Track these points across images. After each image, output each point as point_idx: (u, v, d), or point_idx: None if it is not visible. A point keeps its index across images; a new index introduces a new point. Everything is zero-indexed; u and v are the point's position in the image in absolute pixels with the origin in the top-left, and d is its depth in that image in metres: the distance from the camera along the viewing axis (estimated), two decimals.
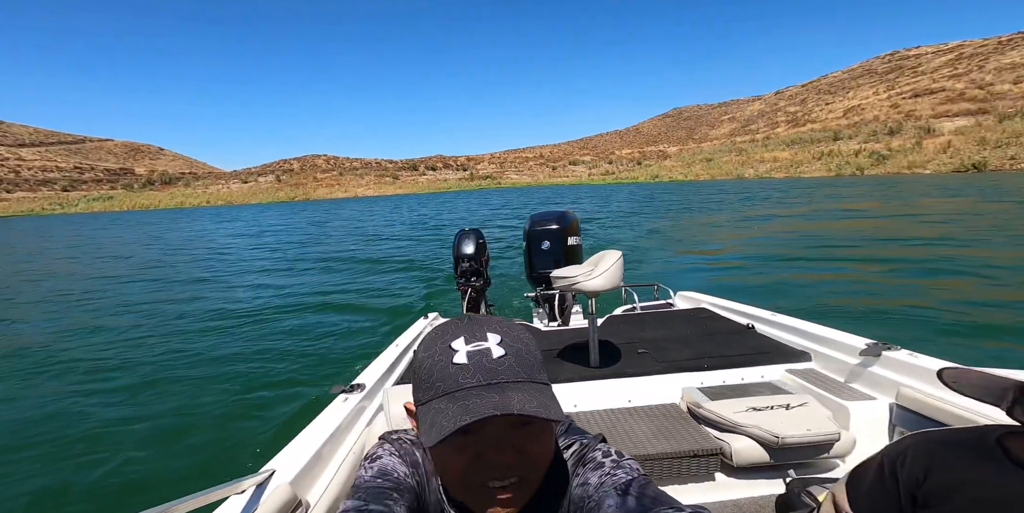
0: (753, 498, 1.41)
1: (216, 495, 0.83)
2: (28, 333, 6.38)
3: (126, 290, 9.37)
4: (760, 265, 8.58)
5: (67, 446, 3.08)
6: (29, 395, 4.06)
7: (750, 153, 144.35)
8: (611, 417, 1.66)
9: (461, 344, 0.45)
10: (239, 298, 7.87)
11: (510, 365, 0.45)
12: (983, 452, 0.64)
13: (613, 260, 1.79)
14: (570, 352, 2.09)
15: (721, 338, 2.18)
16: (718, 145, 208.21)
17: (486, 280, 3.42)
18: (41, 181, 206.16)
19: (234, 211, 77.81)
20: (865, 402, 1.53)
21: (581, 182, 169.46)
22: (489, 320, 0.49)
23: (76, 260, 16.10)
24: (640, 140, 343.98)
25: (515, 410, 0.41)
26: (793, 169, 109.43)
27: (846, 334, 1.87)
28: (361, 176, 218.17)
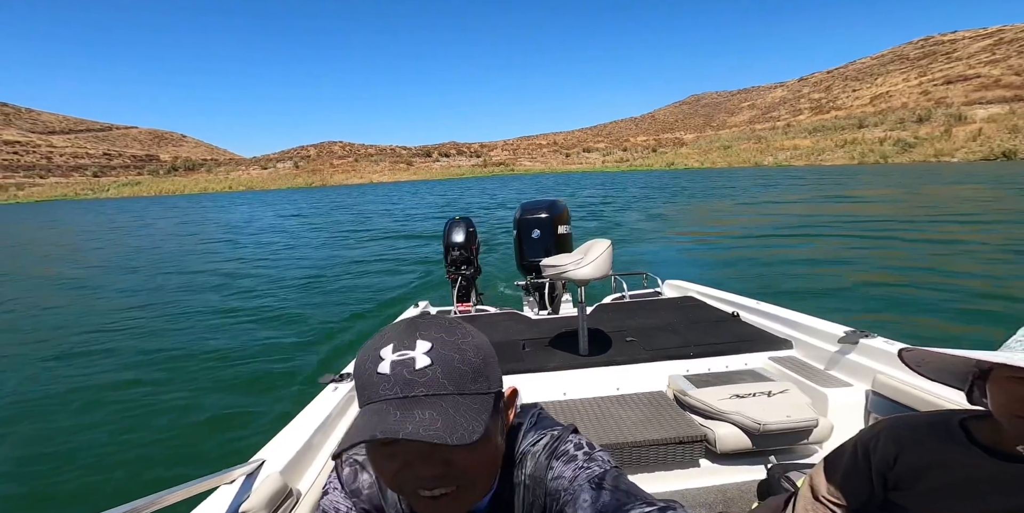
0: (736, 484, 1.45)
1: (206, 485, 0.83)
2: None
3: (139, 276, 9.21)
4: (750, 252, 8.59)
5: (51, 437, 3.06)
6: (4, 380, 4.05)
7: (770, 141, 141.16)
8: (600, 405, 1.69)
9: (388, 352, 0.43)
10: (235, 285, 7.71)
11: (433, 376, 0.42)
12: (948, 435, 0.67)
13: (602, 249, 1.80)
14: (560, 340, 2.12)
15: (707, 326, 2.22)
16: (736, 132, 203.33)
17: (476, 268, 3.43)
18: (73, 167, 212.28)
19: (264, 196, 78.38)
20: (842, 389, 1.56)
21: (594, 169, 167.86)
22: (430, 323, 0.46)
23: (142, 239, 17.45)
24: (656, 127, 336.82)
25: (402, 434, 0.38)
26: (814, 157, 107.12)
27: (826, 322, 1.92)
28: (376, 162, 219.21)
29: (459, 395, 0.43)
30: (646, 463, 1.49)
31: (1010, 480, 0.61)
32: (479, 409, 0.43)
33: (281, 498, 0.93)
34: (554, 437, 0.56)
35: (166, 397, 3.53)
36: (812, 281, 6.33)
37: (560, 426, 0.59)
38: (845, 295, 5.62)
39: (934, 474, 0.65)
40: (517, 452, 0.55)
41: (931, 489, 0.65)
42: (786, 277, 6.65)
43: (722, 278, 6.44)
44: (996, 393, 0.60)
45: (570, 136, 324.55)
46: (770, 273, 6.97)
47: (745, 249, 9.02)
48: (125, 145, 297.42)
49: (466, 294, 3.34)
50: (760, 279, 6.60)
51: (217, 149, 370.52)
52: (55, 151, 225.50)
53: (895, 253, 7.90)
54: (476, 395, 0.44)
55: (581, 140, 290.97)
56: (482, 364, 0.45)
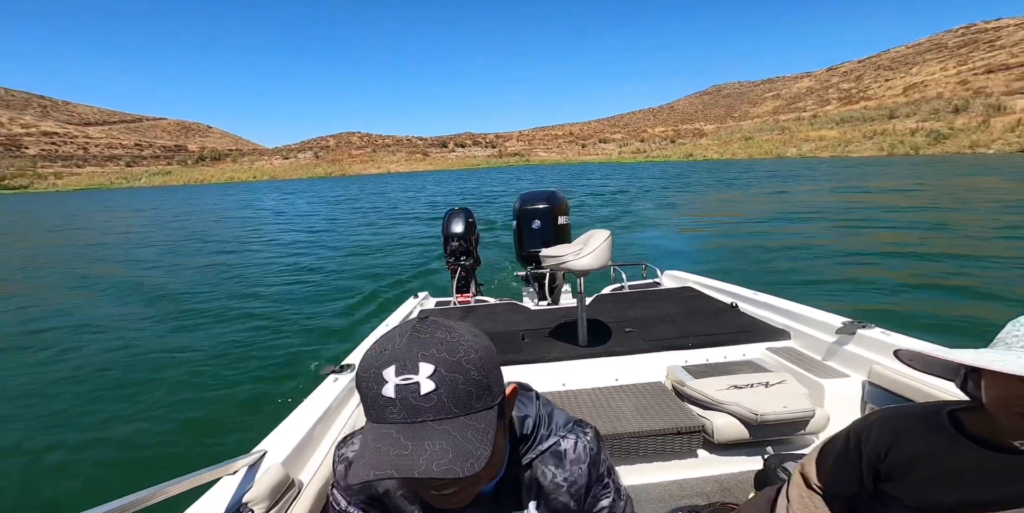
0: (733, 474, 1.48)
1: (208, 476, 0.83)
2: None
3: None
4: (751, 243, 8.55)
5: (52, 427, 3.05)
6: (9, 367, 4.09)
7: (794, 131, 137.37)
8: (598, 395, 1.70)
9: (391, 374, 0.43)
10: (239, 275, 7.81)
11: (439, 402, 0.43)
12: (938, 427, 0.67)
13: (602, 239, 1.80)
14: (559, 331, 2.12)
15: (705, 317, 2.23)
16: (759, 123, 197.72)
17: (476, 259, 3.43)
18: (107, 157, 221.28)
19: (291, 185, 79.11)
20: (839, 380, 1.57)
21: (611, 160, 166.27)
22: (430, 339, 0.45)
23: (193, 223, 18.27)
24: (675, 118, 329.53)
25: (416, 473, 0.40)
26: (841, 148, 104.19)
27: (824, 313, 1.92)
28: (393, 153, 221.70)
29: (465, 416, 0.43)
30: (644, 453, 1.49)
31: (1000, 470, 0.62)
32: (485, 428, 0.44)
33: (283, 489, 0.94)
34: (560, 434, 0.60)
35: (167, 388, 3.53)
36: (811, 271, 6.30)
37: (571, 424, 0.62)
38: (843, 285, 5.58)
39: (926, 465, 0.66)
40: (525, 442, 0.58)
41: (923, 479, 0.66)
42: (785, 268, 6.61)
43: (721, 268, 6.47)
44: (991, 387, 0.60)
45: (586, 127, 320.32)
46: (769, 263, 6.89)
47: (745, 239, 8.99)
48: (155, 136, 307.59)
49: (465, 284, 3.36)
50: (759, 270, 6.54)
51: (241, 139, 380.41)
52: (91, 142, 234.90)
53: (898, 243, 7.83)
54: (481, 412, 0.45)
55: (597, 131, 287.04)
56: (485, 380, 0.45)
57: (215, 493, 0.90)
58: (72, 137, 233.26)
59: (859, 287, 5.50)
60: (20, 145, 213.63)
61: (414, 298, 2.81)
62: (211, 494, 0.90)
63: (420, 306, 2.69)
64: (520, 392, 0.61)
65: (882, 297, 5.06)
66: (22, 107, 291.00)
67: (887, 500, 0.70)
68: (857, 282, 5.71)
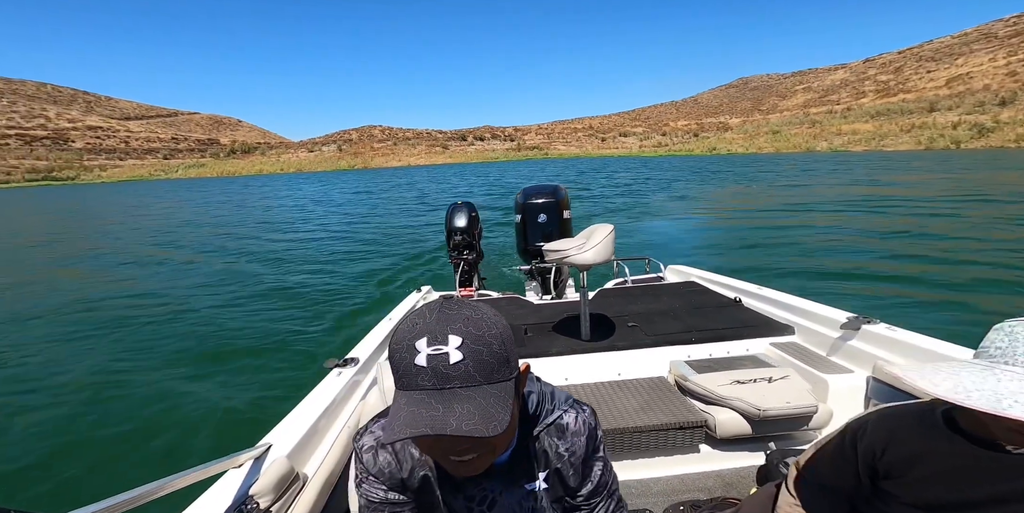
0: (735, 469, 1.49)
1: (214, 469, 0.84)
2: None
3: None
4: (756, 237, 8.47)
5: (57, 419, 3.04)
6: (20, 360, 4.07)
7: (825, 125, 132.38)
8: (601, 390, 1.70)
9: (423, 345, 0.48)
10: (245, 268, 7.76)
11: (465, 371, 0.47)
12: (933, 425, 0.68)
13: (605, 234, 1.79)
14: (562, 325, 2.11)
15: (709, 312, 2.21)
16: (789, 117, 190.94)
17: (479, 253, 3.43)
18: (147, 150, 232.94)
19: (317, 177, 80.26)
20: (843, 375, 1.56)
21: (631, 154, 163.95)
22: (457, 315, 0.50)
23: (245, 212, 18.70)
24: (698, 111, 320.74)
25: (449, 430, 0.44)
26: (875, 142, 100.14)
27: (829, 308, 1.90)
28: (414, 146, 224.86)
29: (488, 385, 0.48)
30: (646, 448, 1.49)
31: (995, 468, 0.62)
32: (505, 396, 0.49)
33: (288, 482, 0.95)
34: (563, 409, 0.66)
35: (170, 381, 3.53)
36: (817, 266, 6.22)
37: (565, 396, 0.69)
38: (849, 280, 5.49)
39: (923, 463, 0.67)
40: (532, 416, 0.64)
41: (921, 477, 0.67)
42: (791, 262, 6.52)
43: (726, 263, 6.47)
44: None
45: (606, 120, 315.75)
46: (775, 258, 6.81)
47: (751, 234, 8.91)
48: (189, 130, 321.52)
49: (468, 279, 3.36)
50: (764, 264, 6.46)
51: (269, 133, 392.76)
52: (131, 135, 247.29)
53: (908, 236, 7.75)
54: (502, 382, 0.49)
55: (618, 124, 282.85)
56: (505, 354, 0.50)
57: (221, 486, 0.92)
58: (115, 131, 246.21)
59: (865, 282, 5.37)
60: (67, 139, 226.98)
61: (417, 292, 2.82)
62: (217, 487, 0.91)
63: (423, 300, 2.72)
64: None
65: (889, 292, 4.94)
66: (68, 103, 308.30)
67: (886, 497, 0.71)
68: (863, 277, 5.58)
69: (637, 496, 1.42)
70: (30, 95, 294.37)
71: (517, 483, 0.64)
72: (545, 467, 0.64)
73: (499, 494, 0.64)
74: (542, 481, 0.65)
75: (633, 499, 1.41)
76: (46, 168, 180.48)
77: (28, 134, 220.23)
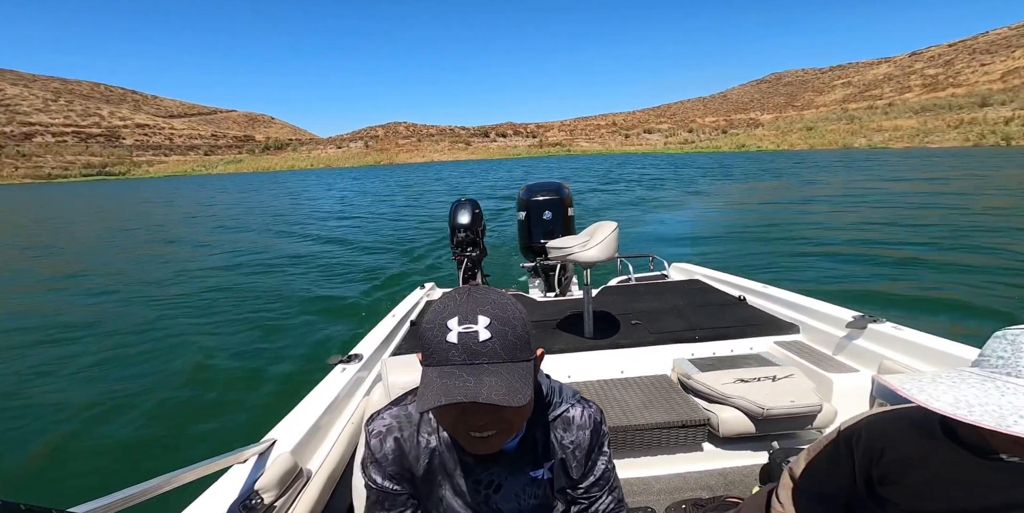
0: (738, 467, 1.48)
1: (219, 464, 0.85)
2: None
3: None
4: (762, 234, 8.42)
5: (63, 415, 3.05)
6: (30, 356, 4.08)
7: (865, 121, 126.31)
8: (604, 388, 1.70)
9: (455, 324, 0.52)
10: (251, 264, 7.82)
11: (492, 348, 0.52)
12: (930, 431, 0.67)
13: (608, 231, 1.79)
14: (565, 323, 2.12)
15: (713, 310, 2.20)
16: (825, 112, 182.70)
17: (482, 250, 3.44)
18: (189, 147, 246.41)
19: (350, 172, 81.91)
20: (848, 374, 1.55)
21: (655, 151, 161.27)
22: (485, 298, 0.55)
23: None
24: (727, 107, 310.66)
25: (480, 398, 0.49)
26: (918, 139, 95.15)
27: (834, 306, 1.89)
28: (437, 142, 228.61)
29: (512, 363, 0.53)
30: (649, 446, 1.49)
31: (992, 477, 0.61)
32: (526, 374, 0.53)
33: (292, 477, 0.96)
34: (570, 403, 0.69)
35: (174, 378, 3.54)
36: (823, 264, 6.15)
37: (572, 392, 0.72)
38: (857, 278, 5.42)
39: (919, 470, 0.66)
40: (541, 407, 0.67)
41: (917, 484, 0.66)
42: (796, 260, 6.46)
43: (729, 260, 6.41)
44: None
45: (630, 117, 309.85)
46: (779, 255, 6.74)
47: (756, 231, 8.88)
48: (227, 127, 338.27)
49: (472, 276, 3.37)
50: (768, 262, 6.39)
51: (299, 129, 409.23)
52: (175, 133, 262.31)
53: (916, 237, 7.61)
54: (523, 362, 0.54)
55: (642, 121, 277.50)
56: (526, 336, 0.55)
57: (226, 481, 0.93)
58: (160, 128, 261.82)
59: (872, 281, 5.32)
60: (118, 136, 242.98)
61: (420, 289, 2.83)
62: (222, 482, 0.93)
63: (427, 297, 2.71)
64: None
65: (896, 291, 4.88)
66: (119, 101, 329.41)
67: (884, 504, 0.70)
68: (870, 275, 5.53)
69: (639, 494, 1.42)
70: (85, 94, 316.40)
71: (523, 470, 0.67)
72: (550, 457, 0.67)
73: (505, 479, 0.67)
74: (547, 470, 0.67)
75: (635, 497, 1.41)
76: (100, 164, 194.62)
77: (84, 131, 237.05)
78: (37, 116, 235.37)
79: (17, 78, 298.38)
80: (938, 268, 5.69)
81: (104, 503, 0.58)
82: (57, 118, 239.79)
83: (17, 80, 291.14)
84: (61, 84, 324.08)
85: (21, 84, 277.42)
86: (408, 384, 0.86)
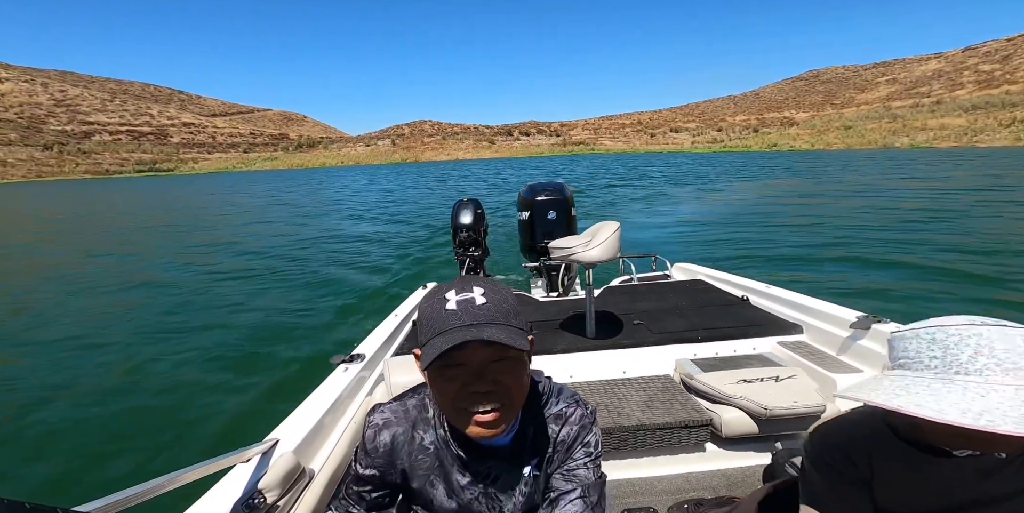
0: (741, 468, 1.48)
1: (222, 464, 0.86)
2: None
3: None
4: (766, 234, 8.36)
5: (63, 413, 3.03)
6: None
7: (909, 119, 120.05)
8: (606, 388, 1.70)
9: (452, 295, 0.58)
10: (255, 263, 7.76)
11: (489, 310, 0.56)
12: (881, 435, 0.67)
13: (611, 231, 1.79)
14: (567, 323, 2.12)
15: (715, 310, 2.20)
16: (867, 110, 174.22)
17: (484, 250, 3.43)
18: (230, 145, 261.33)
19: (379, 170, 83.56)
20: (852, 375, 1.55)
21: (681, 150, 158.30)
22: (477, 278, 0.61)
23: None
24: (759, 106, 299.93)
25: (485, 337, 0.53)
26: (966, 138, 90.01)
27: (838, 307, 1.89)
28: (461, 140, 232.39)
29: (507, 325, 0.57)
30: (651, 446, 1.49)
31: (946, 474, 0.62)
32: (522, 334, 0.58)
33: (295, 477, 0.96)
34: (566, 403, 0.70)
35: (177, 377, 3.56)
36: (827, 264, 6.11)
37: (571, 392, 0.72)
38: (862, 279, 5.38)
39: (880, 471, 0.66)
40: (538, 403, 0.69)
41: (882, 486, 0.66)
42: (799, 260, 6.43)
43: (732, 261, 6.41)
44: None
45: (657, 115, 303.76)
46: (783, 256, 6.73)
47: (758, 231, 8.84)
48: (263, 125, 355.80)
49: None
50: (771, 262, 6.37)
51: (329, 128, 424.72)
52: (217, 131, 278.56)
53: (922, 236, 7.51)
54: (517, 328, 0.58)
55: (669, 120, 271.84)
56: (516, 308, 0.60)
57: (229, 480, 0.94)
58: (203, 127, 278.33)
59: (876, 281, 5.27)
60: (166, 134, 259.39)
61: (423, 288, 2.86)
62: (225, 481, 0.93)
63: None
64: (531, 369, 0.68)
65: (900, 291, 4.85)
66: (166, 101, 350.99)
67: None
68: (874, 275, 5.49)
69: (641, 494, 1.42)
70: (137, 95, 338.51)
71: (518, 465, 0.68)
72: (541, 453, 0.68)
73: (501, 473, 0.68)
74: (534, 467, 0.68)
75: (637, 497, 1.41)
76: (151, 160, 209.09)
77: (136, 130, 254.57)
78: (95, 115, 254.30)
79: (77, 79, 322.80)
80: (942, 269, 5.60)
81: (108, 502, 0.58)
82: (113, 117, 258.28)
83: (77, 81, 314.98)
84: (116, 85, 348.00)
85: (81, 85, 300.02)
86: (410, 383, 0.86)
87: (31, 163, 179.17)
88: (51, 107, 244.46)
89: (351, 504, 0.72)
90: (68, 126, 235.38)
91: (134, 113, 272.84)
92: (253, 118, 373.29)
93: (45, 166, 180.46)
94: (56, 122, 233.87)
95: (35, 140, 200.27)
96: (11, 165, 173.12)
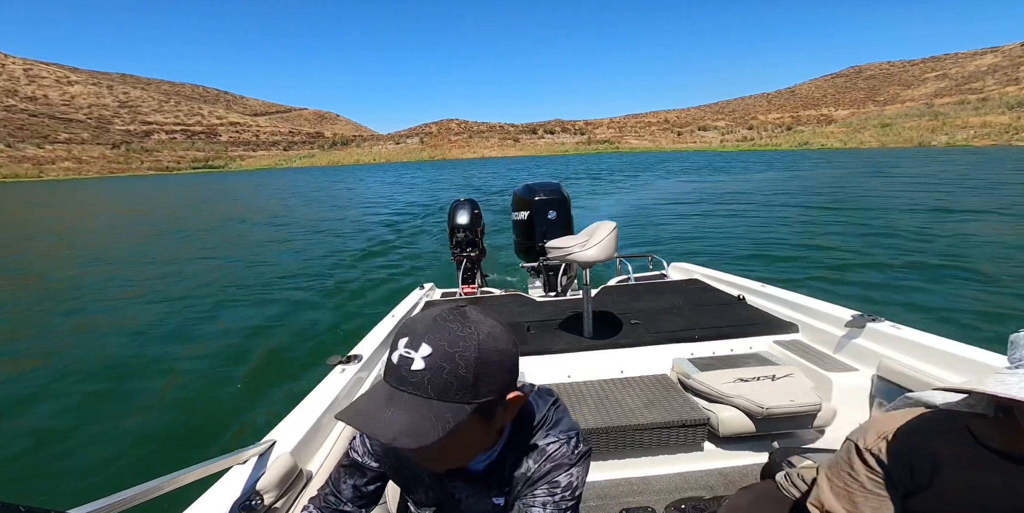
0: (738, 467, 1.49)
1: (219, 465, 0.85)
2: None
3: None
4: (764, 235, 8.45)
5: (62, 414, 3.02)
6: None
7: (951, 117, 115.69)
8: (603, 388, 1.70)
9: (402, 345, 0.51)
10: (259, 264, 7.73)
11: (420, 381, 0.49)
12: (958, 437, 0.64)
13: (607, 231, 1.79)
14: (564, 323, 2.12)
15: (712, 309, 2.20)
16: (909, 108, 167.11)
17: (481, 250, 3.43)
18: (271, 143, 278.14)
19: (407, 167, 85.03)
20: (848, 373, 1.55)
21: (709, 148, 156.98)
22: (444, 328, 0.51)
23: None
24: (795, 103, 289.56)
25: (374, 433, 0.47)
26: (1008, 136, 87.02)
27: (833, 306, 1.88)
28: (487, 139, 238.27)
29: (437, 401, 0.49)
30: (649, 446, 1.49)
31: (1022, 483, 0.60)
32: (448, 418, 0.49)
33: (291, 478, 0.97)
34: (557, 437, 0.64)
35: (173, 379, 3.52)
36: (822, 263, 6.16)
37: (574, 432, 0.65)
38: (855, 278, 5.42)
39: (947, 477, 0.63)
40: (525, 436, 0.64)
41: (946, 492, 0.63)
42: (797, 260, 6.48)
43: (728, 260, 6.47)
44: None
45: (684, 114, 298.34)
46: (780, 255, 6.77)
47: (756, 230, 8.92)
48: (300, 124, 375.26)
49: (471, 276, 3.37)
50: (768, 262, 6.44)
51: (361, 126, 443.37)
52: (260, 130, 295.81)
53: (919, 235, 7.60)
54: (454, 404, 0.49)
55: (697, 118, 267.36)
56: (470, 378, 0.50)
57: (226, 482, 0.93)
58: (248, 126, 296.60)
59: (871, 279, 5.34)
60: (216, 133, 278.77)
61: (420, 289, 2.81)
62: (223, 483, 0.93)
63: (426, 297, 2.71)
64: (540, 394, 0.67)
65: (896, 290, 4.92)
66: (214, 101, 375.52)
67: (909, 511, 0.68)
68: (869, 274, 5.55)
69: (639, 493, 1.43)
70: (188, 95, 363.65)
71: (485, 493, 0.65)
72: (512, 485, 0.65)
73: (465, 496, 0.66)
74: (502, 499, 0.65)
75: (635, 496, 1.42)
76: (204, 158, 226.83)
77: (190, 130, 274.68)
78: (153, 116, 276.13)
79: (136, 81, 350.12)
80: (938, 269, 5.68)
81: (104, 504, 0.57)
82: (169, 117, 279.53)
83: (136, 83, 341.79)
84: (169, 86, 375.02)
85: (139, 87, 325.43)
86: None
87: (103, 160, 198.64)
88: (116, 108, 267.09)
89: (331, 492, 0.72)
90: (131, 126, 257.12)
91: (187, 113, 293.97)
92: (290, 117, 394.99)
93: (115, 163, 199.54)
94: (121, 122, 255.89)
95: (104, 139, 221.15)
96: (86, 162, 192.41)
